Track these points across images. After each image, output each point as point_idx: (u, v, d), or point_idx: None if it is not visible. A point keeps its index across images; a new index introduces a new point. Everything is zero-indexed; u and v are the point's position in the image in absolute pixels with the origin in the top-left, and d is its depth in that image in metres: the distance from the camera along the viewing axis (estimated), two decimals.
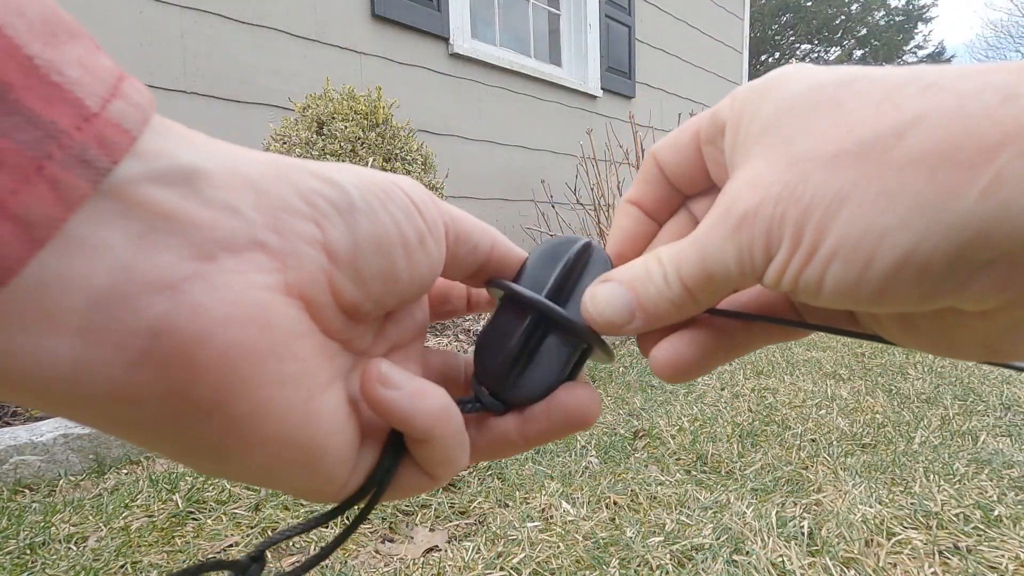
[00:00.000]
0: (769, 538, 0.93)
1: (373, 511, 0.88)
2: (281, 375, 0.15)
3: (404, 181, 0.20)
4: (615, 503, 1.06)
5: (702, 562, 0.87)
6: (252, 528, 0.98)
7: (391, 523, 1.00)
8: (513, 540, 0.94)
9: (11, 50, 0.11)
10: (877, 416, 1.49)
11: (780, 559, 0.88)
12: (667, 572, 0.85)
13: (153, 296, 0.13)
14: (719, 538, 0.93)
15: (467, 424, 0.21)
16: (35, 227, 0.11)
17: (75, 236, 0.12)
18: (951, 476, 1.14)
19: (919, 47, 19.87)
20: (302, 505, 1.05)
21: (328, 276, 0.17)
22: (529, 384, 0.23)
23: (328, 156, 2.06)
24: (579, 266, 0.24)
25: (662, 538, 0.94)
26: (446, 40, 3.42)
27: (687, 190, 0.25)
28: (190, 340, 0.14)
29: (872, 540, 0.93)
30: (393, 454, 0.20)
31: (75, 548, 0.92)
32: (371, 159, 2.11)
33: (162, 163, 0.14)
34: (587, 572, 0.86)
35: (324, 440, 0.17)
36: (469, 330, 2.24)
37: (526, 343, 0.23)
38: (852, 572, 0.85)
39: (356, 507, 0.22)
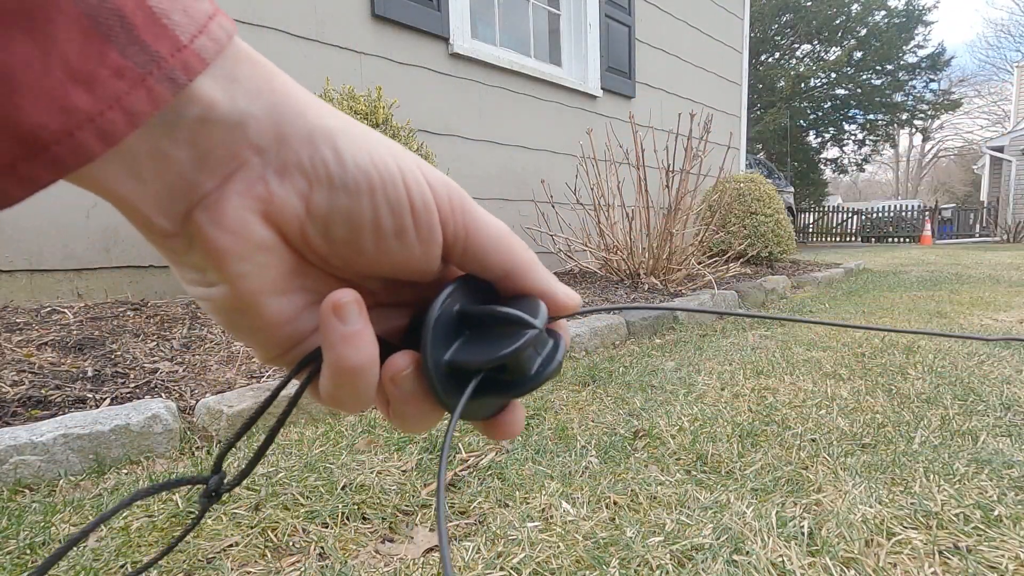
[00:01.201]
0: (769, 538, 0.93)
1: (373, 510, 0.88)
2: (240, 269, 0.21)
3: (414, 178, 0.22)
4: (615, 503, 1.06)
5: (702, 562, 0.87)
6: (252, 528, 0.98)
7: (391, 523, 1.00)
8: (513, 540, 0.94)
9: (140, 2, 0.17)
10: (877, 416, 1.49)
11: (780, 559, 0.88)
12: (667, 572, 0.85)
13: (193, 200, 0.21)
14: (719, 538, 0.93)
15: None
16: (135, 115, 0.18)
17: (158, 124, 0.19)
18: (951, 476, 1.14)
19: (919, 47, 19.86)
20: (301, 505, 1.05)
21: (300, 223, 0.21)
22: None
23: None
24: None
25: (662, 538, 0.94)
26: (446, 40, 3.42)
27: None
28: (199, 230, 0.21)
29: (872, 540, 0.93)
30: (304, 361, 0.24)
31: (75, 548, 0.92)
32: None
33: (221, 110, 0.20)
34: (587, 572, 0.86)
35: (263, 322, 0.23)
36: None
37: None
38: (852, 572, 0.85)
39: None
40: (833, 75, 19.84)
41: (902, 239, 16.67)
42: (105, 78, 0.17)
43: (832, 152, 23.80)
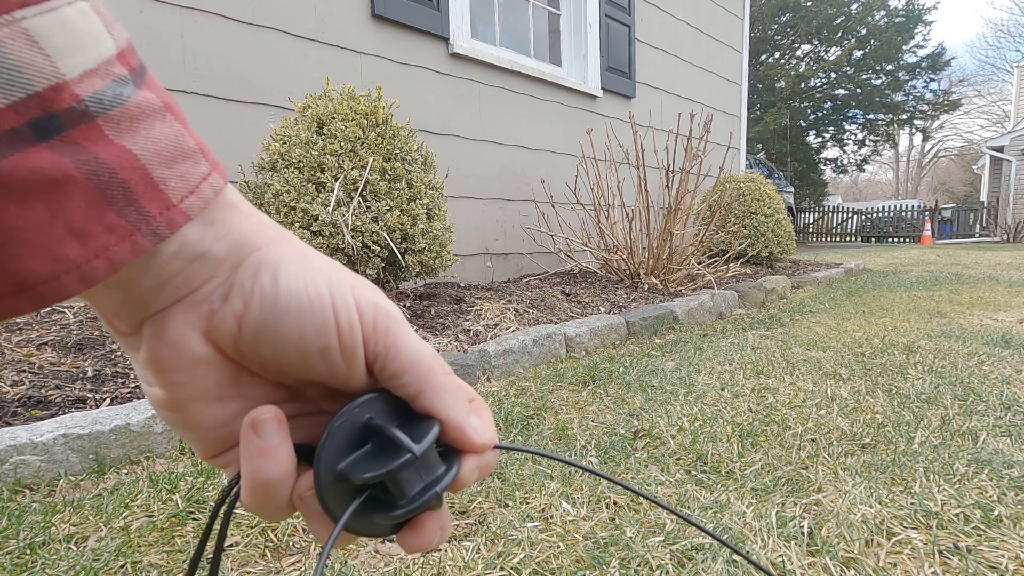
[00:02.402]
0: (769, 538, 0.93)
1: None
2: (179, 380, 0.24)
3: (343, 303, 0.25)
4: (615, 503, 1.06)
5: (702, 562, 0.87)
6: (252, 528, 0.98)
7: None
8: (513, 540, 0.94)
9: (144, 174, 0.21)
10: (877, 416, 1.49)
11: (780, 559, 0.88)
12: (667, 572, 0.85)
13: (145, 316, 0.24)
14: None
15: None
16: (116, 263, 0.21)
17: (136, 267, 0.22)
18: (951, 476, 1.14)
19: (919, 47, 19.85)
20: None
21: (234, 339, 0.24)
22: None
23: (328, 155, 2.06)
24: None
25: (662, 538, 0.94)
26: (446, 40, 3.42)
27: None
28: (144, 340, 0.24)
29: (872, 540, 0.93)
30: (230, 486, 0.26)
31: (75, 548, 0.92)
32: (371, 159, 2.11)
33: (190, 249, 0.23)
34: (587, 572, 0.86)
35: (196, 425, 0.25)
36: (469, 330, 2.24)
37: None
38: (852, 572, 0.85)
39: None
40: (833, 75, 19.83)
41: (902, 239, 16.67)
42: (99, 233, 0.20)
43: (832, 152, 23.85)
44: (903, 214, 17.37)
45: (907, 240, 16.39)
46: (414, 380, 0.26)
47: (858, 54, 19.55)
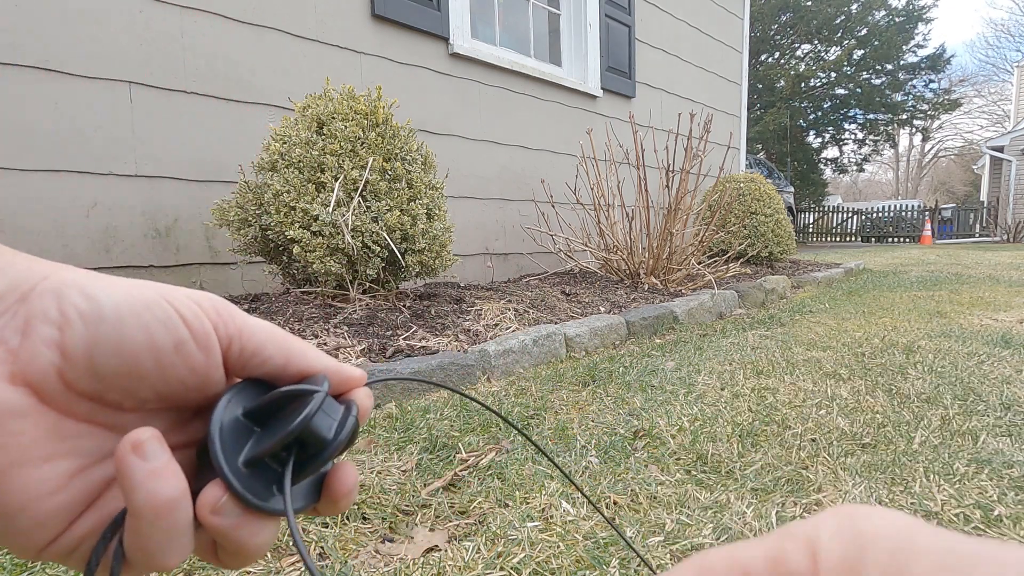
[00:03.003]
0: None
1: (372, 510, 0.88)
2: None
3: (176, 295, 0.23)
4: (615, 503, 1.06)
5: None
6: None
7: (391, 523, 1.00)
8: (513, 540, 0.94)
9: None
10: (877, 416, 1.49)
11: None
12: None
13: None
14: (719, 538, 0.93)
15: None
16: None
17: None
18: (951, 476, 1.14)
19: (919, 47, 19.84)
20: None
21: (58, 370, 0.20)
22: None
23: (328, 155, 2.06)
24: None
25: (662, 538, 0.94)
26: (446, 40, 3.42)
27: None
28: None
29: None
30: (112, 526, 0.22)
31: None
32: (371, 159, 2.11)
33: None
34: (587, 572, 0.86)
35: (19, 500, 0.20)
36: (469, 330, 2.24)
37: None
38: None
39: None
40: (833, 75, 19.83)
41: (902, 239, 16.67)
42: None
43: (832, 152, 23.84)
44: (903, 214, 17.37)
45: (907, 240, 16.39)
46: (277, 349, 0.25)
47: (858, 54, 19.54)
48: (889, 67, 19.87)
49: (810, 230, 18.28)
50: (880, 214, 17.77)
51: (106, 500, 0.22)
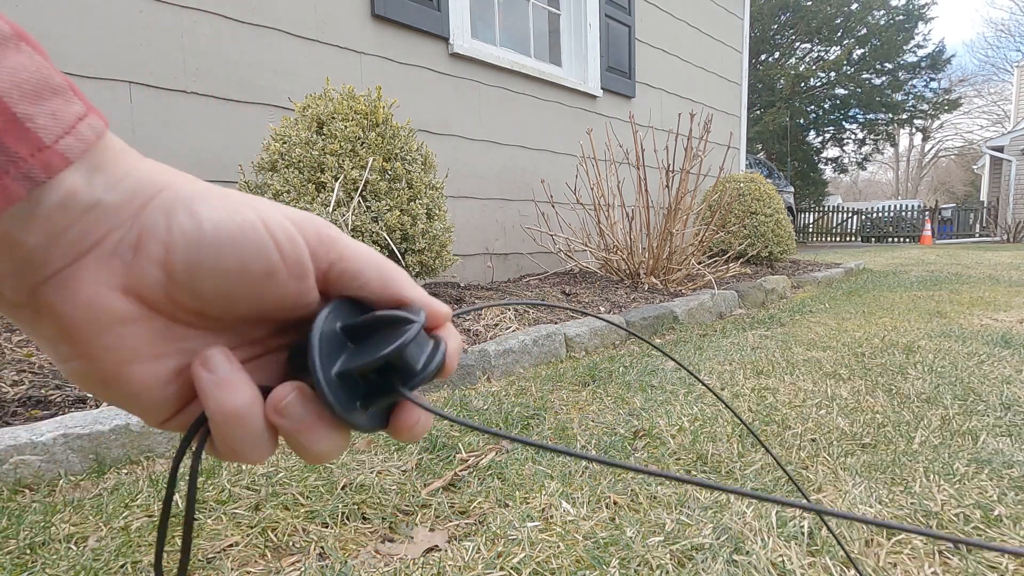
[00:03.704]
0: (769, 538, 0.93)
1: (373, 510, 0.88)
2: (103, 344, 0.22)
3: (276, 221, 0.23)
4: (615, 503, 1.06)
5: (702, 562, 0.87)
6: (252, 528, 0.98)
7: (391, 523, 1.00)
8: (513, 540, 0.94)
9: (3, 109, 0.19)
10: (877, 416, 1.49)
11: (780, 559, 0.88)
12: (667, 572, 0.85)
13: (41, 277, 0.21)
14: (719, 538, 0.93)
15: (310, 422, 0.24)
16: None
17: (13, 213, 0.19)
18: (951, 476, 1.14)
19: (919, 46, 19.84)
20: (301, 505, 1.05)
21: (164, 288, 0.22)
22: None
23: (328, 155, 2.06)
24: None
25: (662, 538, 0.94)
26: (446, 40, 3.42)
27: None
28: (50, 307, 0.21)
29: (872, 540, 0.93)
30: (194, 426, 0.24)
31: (75, 548, 0.92)
32: (371, 159, 2.11)
33: (79, 198, 0.21)
34: (587, 572, 0.86)
35: (136, 389, 0.23)
36: (469, 330, 2.24)
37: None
38: (852, 572, 0.85)
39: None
40: (833, 74, 19.83)
41: (902, 239, 16.67)
42: None
43: (832, 152, 23.82)
44: (903, 214, 17.37)
45: (907, 240, 16.39)
46: (376, 274, 0.26)
47: (858, 53, 19.54)
48: (889, 67, 19.87)
49: (810, 230, 18.28)
50: (880, 214, 17.77)
51: None
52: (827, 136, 22.07)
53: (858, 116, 21.20)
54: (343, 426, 0.25)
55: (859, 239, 17.76)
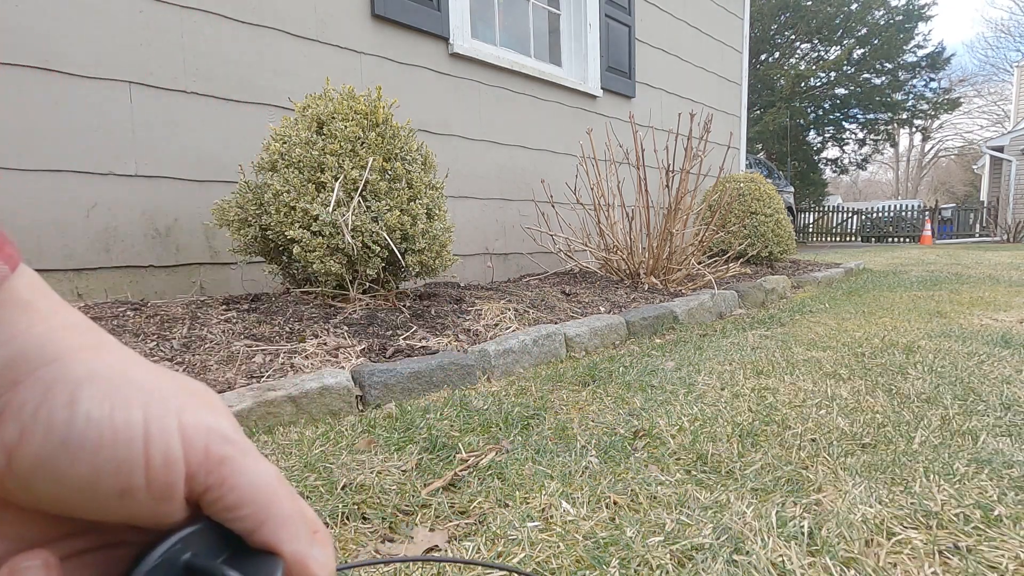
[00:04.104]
0: (769, 538, 0.93)
1: (372, 510, 0.87)
2: None
3: (160, 430, 0.20)
4: (615, 503, 1.06)
5: (702, 562, 0.87)
6: None
7: (391, 523, 1.00)
8: (513, 540, 0.94)
9: None
10: (877, 416, 1.49)
11: (780, 559, 0.88)
12: (667, 572, 0.85)
13: None
14: (719, 538, 0.93)
15: None
16: None
17: None
18: (951, 476, 1.14)
19: (919, 46, 19.84)
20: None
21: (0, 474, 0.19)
22: None
23: (328, 155, 2.06)
24: None
25: (662, 538, 0.94)
26: (446, 40, 3.42)
27: None
28: None
29: (872, 540, 0.93)
30: None
31: None
32: (371, 159, 2.11)
33: None
34: (587, 572, 0.86)
35: None
36: (469, 330, 2.24)
37: None
38: (852, 572, 0.85)
39: None
40: (833, 74, 19.83)
41: (902, 239, 16.68)
42: None
43: (832, 152, 23.82)
44: (903, 214, 17.37)
45: (907, 240, 16.39)
46: (254, 512, 0.22)
47: (858, 53, 19.54)
48: (889, 66, 19.87)
49: (810, 230, 18.29)
50: (880, 214, 17.77)
51: None
52: (827, 136, 22.06)
53: (858, 116, 21.21)
54: None
55: (859, 239, 17.77)
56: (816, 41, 20.26)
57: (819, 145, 22.23)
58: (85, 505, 0.20)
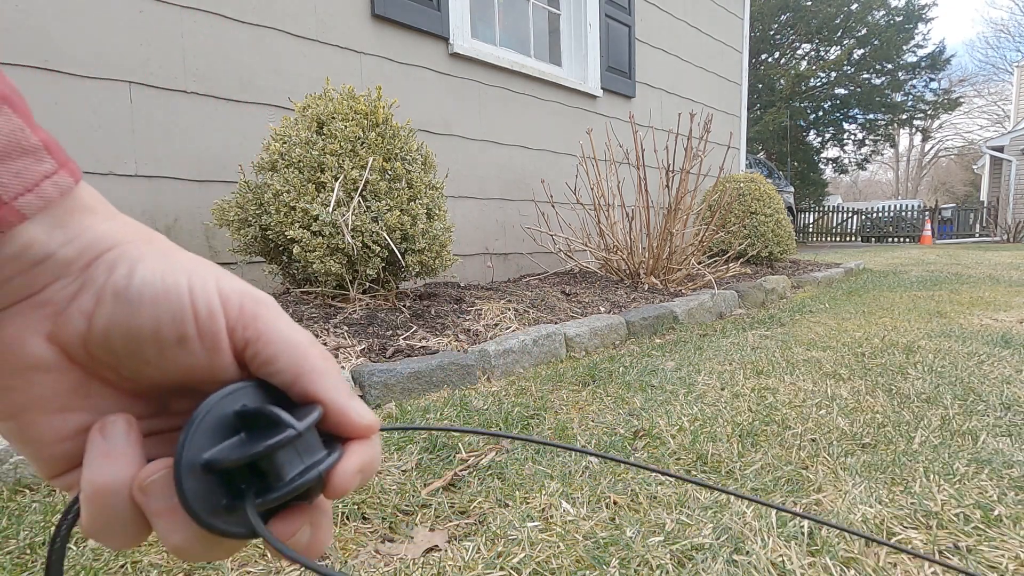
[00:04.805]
0: (769, 538, 0.93)
1: (372, 510, 0.88)
2: (11, 384, 0.22)
3: (202, 288, 0.23)
4: (615, 503, 1.06)
5: (702, 562, 0.87)
6: None
7: (391, 523, 1.00)
8: (513, 540, 0.94)
9: None
10: (877, 416, 1.49)
11: (780, 559, 0.88)
12: (667, 572, 0.85)
13: None
14: (719, 538, 0.93)
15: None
16: None
17: None
18: (951, 476, 1.14)
19: (919, 46, 19.84)
20: None
21: (83, 339, 0.22)
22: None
23: (328, 155, 2.06)
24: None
25: (662, 538, 0.94)
26: (446, 40, 3.42)
27: None
28: None
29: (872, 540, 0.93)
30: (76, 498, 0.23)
31: (75, 548, 0.92)
32: (371, 159, 2.11)
33: (33, 251, 0.21)
34: (587, 572, 0.86)
35: (32, 437, 0.23)
36: (469, 330, 2.24)
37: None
38: (852, 572, 0.85)
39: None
40: (833, 74, 19.82)
41: (902, 239, 16.67)
42: None
43: (832, 152, 23.81)
44: (903, 214, 17.37)
45: (907, 240, 16.39)
46: (290, 364, 0.24)
47: (858, 53, 19.53)
48: (889, 67, 19.86)
49: (810, 230, 18.29)
50: (880, 214, 17.77)
51: None
52: (827, 136, 22.06)
53: (858, 116, 21.20)
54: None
55: (859, 239, 17.76)
56: (816, 41, 20.25)
57: (819, 145, 22.22)
58: (155, 357, 0.23)
